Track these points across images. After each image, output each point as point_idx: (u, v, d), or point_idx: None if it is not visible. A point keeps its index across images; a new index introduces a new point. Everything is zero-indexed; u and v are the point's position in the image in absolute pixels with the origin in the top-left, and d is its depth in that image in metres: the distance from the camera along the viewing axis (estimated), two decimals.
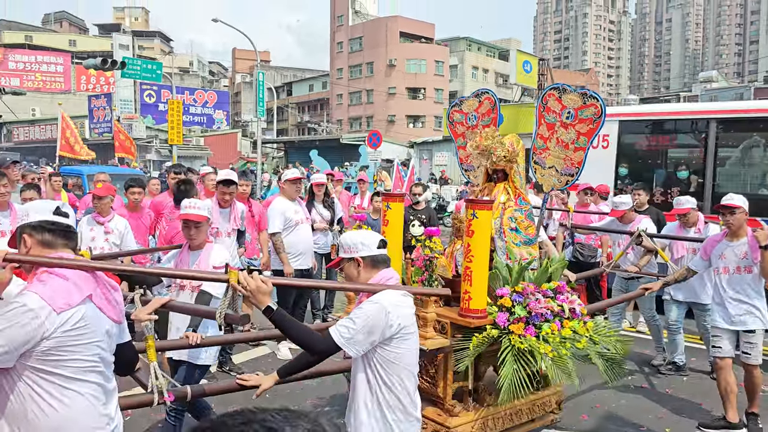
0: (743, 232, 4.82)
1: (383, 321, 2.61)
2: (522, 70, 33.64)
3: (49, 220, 2.30)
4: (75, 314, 2.17)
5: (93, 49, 57.60)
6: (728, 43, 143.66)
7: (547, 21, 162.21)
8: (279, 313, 2.59)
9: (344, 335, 2.58)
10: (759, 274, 4.76)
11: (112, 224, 5.83)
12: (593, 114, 4.56)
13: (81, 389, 2.20)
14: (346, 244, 2.86)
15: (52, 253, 2.28)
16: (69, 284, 2.20)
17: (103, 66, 18.35)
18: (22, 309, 2.07)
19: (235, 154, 42.31)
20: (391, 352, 2.66)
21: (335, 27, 60.64)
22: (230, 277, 2.57)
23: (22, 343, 2.06)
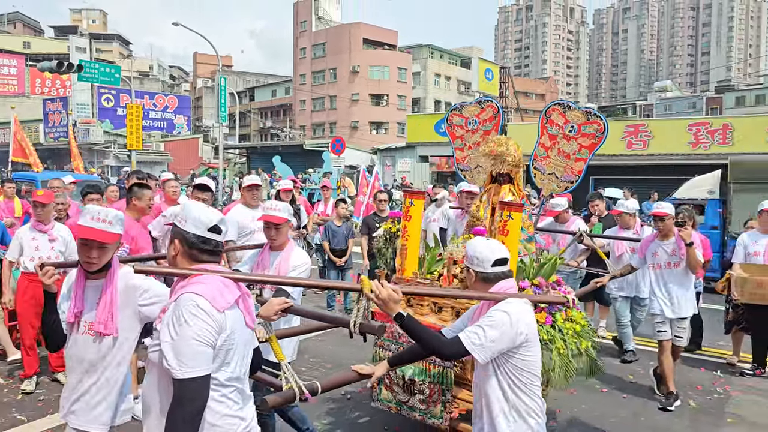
0: (671, 233, 5.63)
1: (511, 330, 2.69)
2: (484, 78, 34.04)
3: (201, 237, 2.30)
4: (230, 316, 2.23)
5: (48, 52, 56.04)
6: (681, 54, 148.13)
7: (508, 30, 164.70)
8: (410, 319, 2.65)
9: (474, 342, 2.67)
10: (686, 268, 5.60)
11: (55, 231, 5.67)
12: (596, 130, 5.11)
13: (228, 392, 2.26)
14: (468, 253, 2.93)
15: (195, 265, 2.31)
16: (223, 286, 2.25)
17: (59, 69, 17.87)
18: (194, 307, 2.12)
19: (197, 160, 41.67)
20: (521, 359, 2.75)
21: (298, 33, 60.43)
22: (363, 287, 2.59)
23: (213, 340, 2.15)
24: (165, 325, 2.16)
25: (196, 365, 2.09)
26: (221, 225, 2.35)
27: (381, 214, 8.56)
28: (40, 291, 5.50)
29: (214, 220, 2.33)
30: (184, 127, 45.53)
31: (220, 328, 2.17)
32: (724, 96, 53.40)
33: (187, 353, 2.08)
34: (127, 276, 2.73)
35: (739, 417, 5.41)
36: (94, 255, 2.66)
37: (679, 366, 6.75)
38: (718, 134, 19.71)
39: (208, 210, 2.37)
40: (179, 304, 2.16)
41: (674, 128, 21.16)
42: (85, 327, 2.71)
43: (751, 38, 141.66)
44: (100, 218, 2.66)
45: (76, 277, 2.77)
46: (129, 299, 2.71)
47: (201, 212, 2.33)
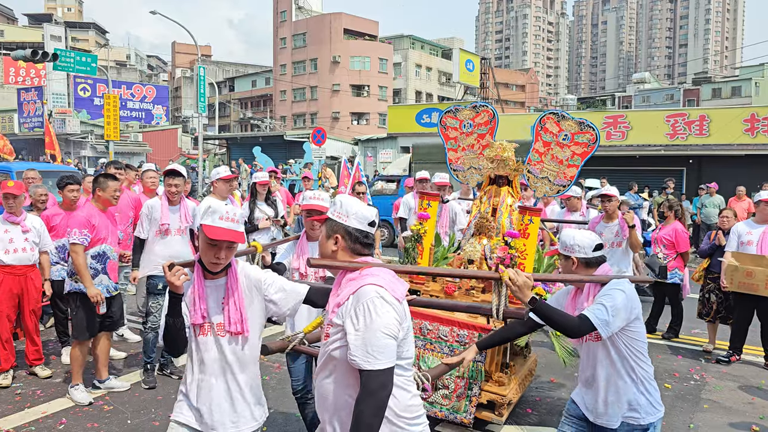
0: (616, 215, 6.28)
1: (629, 305, 2.95)
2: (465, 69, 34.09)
3: (363, 231, 2.37)
4: (406, 307, 2.31)
5: (22, 40, 54.94)
6: (659, 45, 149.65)
7: (488, 21, 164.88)
8: (542, 302, 2.84)
9: (600, 317, 2.85)
10: (626, 248, 6.27)
11: (28, 223, 5.60)
12: (588, 140, 5.48)
13: (407, 378, 2.33)
14: (565, 244, 3.18)
15: (356, 258, 2.36)
16: (395, 278, 2.32)
17: (34, 57, 17.52)
18: (378, 299, 2.17)
19: (176, 151, 41.23)
20: (634, 331, 3.01)
21: (278, 23, 59.90)
22: (502, 275, 2.82)
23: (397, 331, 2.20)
24: (348, 318, 2.19)
25: (384, 357, 2.13)
26: (375, 218, 2.43)
27: None
28: (16, 283, 5.52)
29: (373, 215, 2.41)
30: (162, 118, 44.99)
31: (402, 318, 2.23)
32: (701, 88, 54.08)
33: (376, 345, 2.12)
34: (245, 271, 2.69)
35: (715, 403, 5.51)
36: (222, 256, 2.57)
37: (656, 353, 6.88)
38: (695, 125, 19.94)
39: (364, 205, 2.42)
40: (361, 297, 2.19)
41: (652, 119, 21.36)
42: (215, 329, 2.61)
43: (728, 31, 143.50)
44: (229, 218, 2.57)
45: (196, 279, 2.63)
46: (254, 294, 2.66)
47: (361, 208, 2.39)
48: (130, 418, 4.76)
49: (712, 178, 16.29)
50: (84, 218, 5.05)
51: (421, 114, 28.18)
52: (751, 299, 6.46)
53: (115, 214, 5.71)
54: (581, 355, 3.20)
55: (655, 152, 20.45)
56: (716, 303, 7.00)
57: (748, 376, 6.27)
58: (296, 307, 2.71)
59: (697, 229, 15.10)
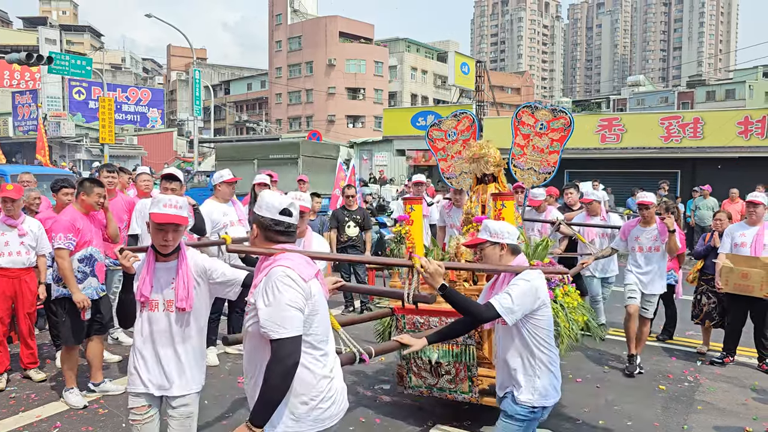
0: (654, 220, 6.28)
1: (534, 294, 3.20)
2: (460, 72, 34.13)
3: (274, 220, 2.57)
4: (313, 285, 2.54)
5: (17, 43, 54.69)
6: (654, 48, 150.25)
7: (483, 24, 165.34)
8: (451, 290, 3.14)
9: (505, 305, 3.11)
10: (663, 252, 6.28)
11: (26, 226, 5.61)
12: (563, 124, 5.67)
13: (311, 357, 2.53)
14: (492, 229, 3.39)
15: (273, 245, 2.59)
16: (305, 261, 2.58)
17: (28, 61, 17.51)
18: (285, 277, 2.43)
19: (171, 154, 41.16)
20: (539, 319, 3.25)
21: (274, 26, 59.90)
22: (414, 262, 3.07)
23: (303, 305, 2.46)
24: (259, 296, 2.45)
25: (290, 326, 2.39)
26: (291, 208, 2.61)
27: (350, 208, 8.58)
28: (10, 286, 5.50)
29: (285, 204, 2.59)
30: (158, 121, 44.97)
31: (308, 295, 2.47)
32: (696, 90, 54.33)
33: (282, 316, 2.38)
34: (195, 257, 3.10)
35: (709, 404, 5.53)
36: (170, 238, 2.98)
37: (651, 355, 6.91)
38: (689, 128, 20.01)
39: (279, 196, 2.65)
40: (271, 276, 2.45)
41: (647, 122, 21.42)
42: (165, 305, 3.02)
43: (722, 34, 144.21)
44: (172, 204, 2.98)
45: (147, 261, 3.05)
46: (201, 279, 3.05)
47: (273, 198, 2.61)
48: (125, 421, 4.75)
49: (706, 181, 16.34)
50: (68, 222, 5.01)
51: (416, 117, 28.19)
52: (745, 301, 6.48)
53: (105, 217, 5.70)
54: (495, 335, 3.46)
55: (650, 155, 20.52)
56: (707, 305, 7.03)
57: (741, 378, 6.30)
58: (237, 291, 3.05)
59: (691, 231, 15.16)
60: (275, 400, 2.39)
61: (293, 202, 2.64)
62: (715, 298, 6.94)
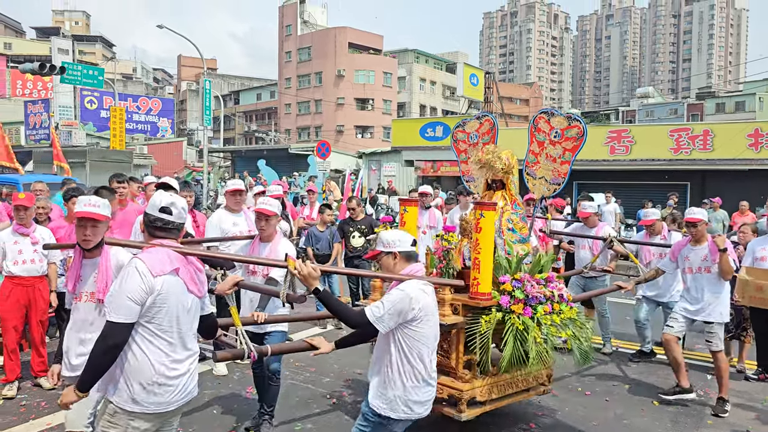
0: (704, 238, 5.77)
1: (407, 305, 3.22)
2: (469, 83, 34.27)
3: (152, 216, 2.90)
4: (164, 281, 2.77)
5: (30, 53, 55.37)
6: (663, 60, 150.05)
7: (492, 35, 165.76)
8: (325, 292, 3.27)
9: (375, 314, 3.21)
10: (718, 274, 5.65)
11: (38, 234, 5.68)
12: (576, 133, 5.43)
13: (152, 346, 2.78)
14: (385, 240, 3.49)
15: (154, 239, 2.89)
16: (165, 257, 2.81)
17: (41, 71, 17.73)
18: (133, 269, 2.74)
19: (181, 163, 41.38)
20: (414, 331, 3.26)
21: (283, 36, 60.30)
22: (288, 264, 3.29)
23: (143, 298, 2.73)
24: (117, 278, 2.82)
25: (120, 314, 2.69)
26: (172, 207, 2.90)
27: (355, 219, 8.59)
28: (24, 294, 5.56)
29: (165, 203, 2.90)
30: (168, 130, 45.23)
31: (151, 290, 2.72)
32: (705, 102, 54.14)
33: (117, 303, 2.70)
34: (117, 255, 3.38)
35: (719, 419, 5.49)
36: (89, 233, 3.29)
37: (659, 368, 6.85)
38: (698, 140, 19.98)
39: (165, 195, 2.93)
40: (128, 264, 2.80)
41: (656, 134, 21.42)
42: (87, 296, 3.40)
43: (731, 46, 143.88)
44: (91, 203, 3.29)
45: (75, 257, 3.43)
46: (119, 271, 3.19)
47: (156, 197, 2.93)
48: None
49: (716, 193, 16.28)
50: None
51: (425, 128, 28.26)
52: (764, 313, 6.43)
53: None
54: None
55: (659, 167, 20.47)
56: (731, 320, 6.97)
57: (752, 392, 6.25)
58: None
59: None
60: (96, 370, 2.70)
61: (174, 201, 2.92)
62: (732, 310, 6.88)
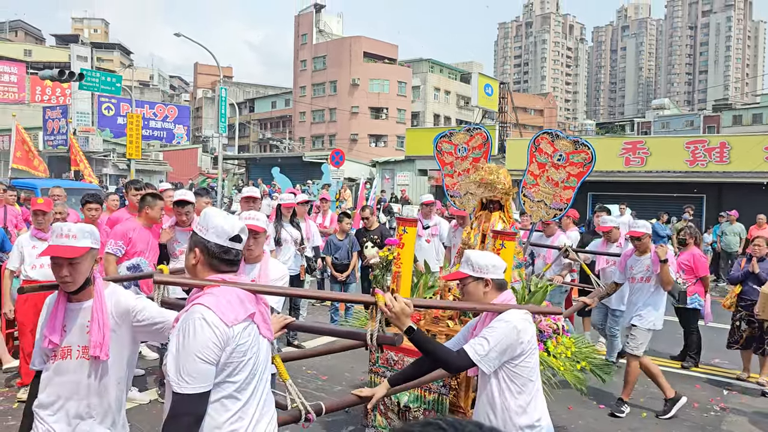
0: (648, 249, 5.80)
1: (515, 339, 2.78)
2: (483, 93, 34.22)
3: (223, 247, 2.26)
4: (240, 329, 2.17)
5: (49, 60, 56.21)
6: (679, 72, 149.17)
7: (507, 46, 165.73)
8: (419, 332, 2.71)
9: (480, 352, 2.75)
10: (656, 284, 5.68)
11: None
12: (584, 159, 5.21)
13: (226, 411, 2.17)
14: (476, 263, 2.96)
15: (214, 275, 2.26)
16: (235, 299, 2.20)
17: (61, 77, 17.92)
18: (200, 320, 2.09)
19: (195, 170, 41.69)
20: (521, 367, 2.83)
21: (299, 45, 60.71)
22: (378, 300, 2.66)
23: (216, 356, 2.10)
24: (174, 336, 2.14)
25: (195, 382, 2.06)
26: (242, 234, 2.32)
27: (369, 229, 8.55)
28: (41, 299, 5.57)
29: (236, 229, 2.29)
30: (183, 137, 45.60)
31: (225, 343, 2.11)
32: (722, 114, 53.72)
33: (188, 369, 2.06)
34: (116, 294, 2.66)
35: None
36: (65, 273, 2.54)
37: (675, 383, 6.76)
38: (715, 152, 19.81)
39: (229, 218, 2.33)
40: (188, 315, 2.14)
41: (672, 146, 21.27)
42: (79, 352, 2.57)
43: (749, 57, 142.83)
44: (63, 234, 2.57)
45: (56, 301, 2.65)
46: (123, 319, 2.63)
47: (223, 220, 2.29)
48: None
49: (733, 206, 16.12)
50: (122, 231, 5.32)
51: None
52: None
53: None
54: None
55: (675, 179, 20.31)
56: (747, 331, 6.91)
57: None
58: (168, 332, 2.54)
59: (717, 257, 14.93)
60: None
61: (243, 225, 2.35)
62: (758, 324, 6.81)
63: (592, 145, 5.37)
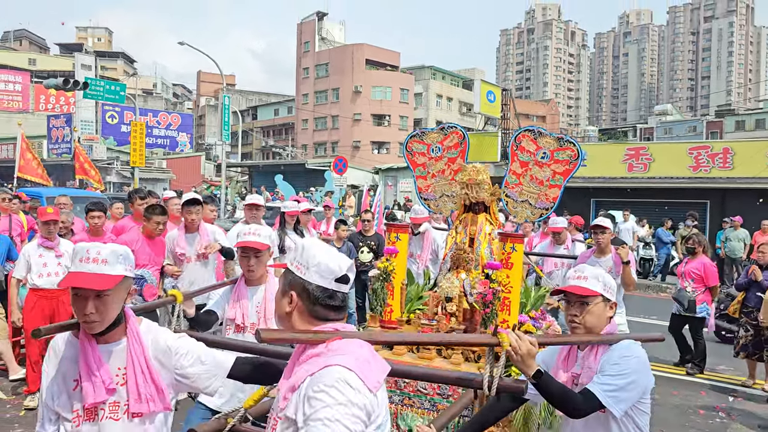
0: (609, 249, 5.71)
1: (645, 374, 2.42)
2: (486, 100, 34.24)
3: (327, 290, 1.77)
4: (381, 396, 1.71)
5: (53, 69, 56.57)
6: (682, 77, 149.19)
7: (509, 52, 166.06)
8: (547, 377, 2.31)
9: (612, 395, 2.34)
10: (619, 285, 5.49)
11: (62, 247, 5.79)
12: (569, 156, 5.05)
13: None
14: (607, 282, 2.53)
15: (318, 324, 1.77)
16: (370, 357, 1.73)
17: (65, 86, 18.02)
18: (344, 385, 1.59)
19: (199, 178, 41.81)
20: (644, 403, 2.49)
21: (301, 53, 60.95)
22: (502, 341, 2.22)
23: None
24: (300, 408, 1.63)
25: None
26: (350, 273, 1.83)
27: (366, 234, 8.56)
28: (48, 306, 5.63)
29: (344, 269, 1.81)
30: (186, 145, 45.74)
31: (370, 412, 1.64)
32: (725, 120, 53.70)
33: None
34: (152, 332, 2.16)
35: None
36: (90, 310, 1.96)
37: (681, 389, 6.77)
38: (718, 158, 19.80)
39: (334, 253, 1.84)
40: (320, 380, 1.62)
41: (675, 152, 21.26)
42: (112, 409, 2.05)
43: (751, 63, 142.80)
44: (91, 258, 1.99)
45: (82, 347, 2.04)
46: (161, 366, 2.13)
47: (328, 258, 1.80)
48: None
49: (736, 212, 16.10)
50: (124, 243, 5.22)
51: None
52: None
53: None
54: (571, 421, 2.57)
55: (678, 185, 20.31)
56: (744, 338, 6.91)
57: None
58: (216, 384, 2.21)
59: (721, 263, 14.91)
60: None
61: (352, 264, 1.87)
62: (753, 331, 6.80)
63: (577, 141, 5.26)
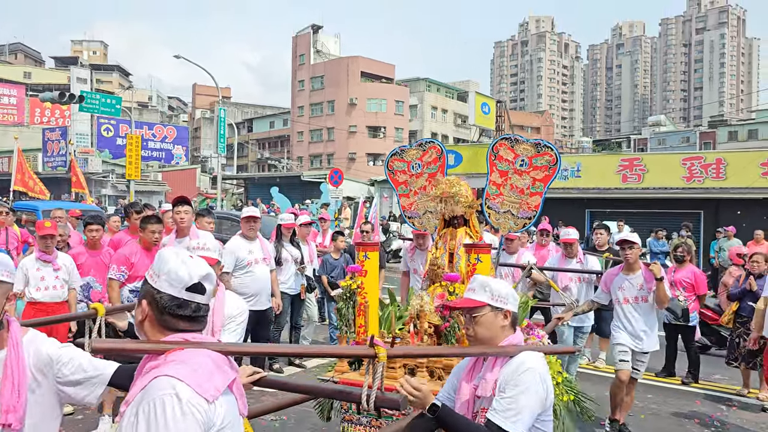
0: (637, 265, 5.50)
1: (543, 391, 2.30)
2: (480, 112, 34.45)
3: (177, 299, 1.70)
4: (221, 405, 1.65)
5: (49, 82, 56.64)
6: (674, 89, 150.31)
7: (503, 64, 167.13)
8: (445, 410, 2.25)
9: (510, 417, 2.22)
10: (652, 303, 5.46)
11: (60, 261, 5.80)
12: (548, 162, 4.95)
13: None
14: (497, 291, 2.43)
15: (170, 335, 1.71)
16: (211, 365, 1.67)
17: (61, 99, 18.09)
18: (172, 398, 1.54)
19: (194, 190, 41.76)
20: (543, 421, 2.35)
21: (297, 65, 61.20)
22: (378, 352, 2.14)
23: None
24: (129, 425, 1.56)
25: None
26: (206, 282, 1.74)
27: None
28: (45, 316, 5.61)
29: (195, 277, 1.71)
30: (182, 158, 45.76)
31: (208, 425, 1.58)
32: (717, 130, 54.10)
33: None
34: (35, 342, 2.07)
35: None
36: None
37: (676, 398, 6.80)
38: (711, 168, 19.95)
39: (188, 261, 1.74)
40: (151, 392, 1.56)
41: (668, 162, 21.41)
42: None
43: (743, 74, 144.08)
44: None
45: None
46: (44, 374, 2.05)
47: (179, 265, 1.72)
48: None
49: (730, 222, 16.21)
50: (124, 256, 5.42)
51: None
52: None
53: None
54: None
55: (672, 195, 20.43)
56: (744, 348, 6.94)
57: None
58: (98, 392, 2.09)
59: (715, 273, 14.97)
60: None
61: (210, 273, 1.77)
62: (737, 337, 6.85)
63: (554, 146, 5.15)
